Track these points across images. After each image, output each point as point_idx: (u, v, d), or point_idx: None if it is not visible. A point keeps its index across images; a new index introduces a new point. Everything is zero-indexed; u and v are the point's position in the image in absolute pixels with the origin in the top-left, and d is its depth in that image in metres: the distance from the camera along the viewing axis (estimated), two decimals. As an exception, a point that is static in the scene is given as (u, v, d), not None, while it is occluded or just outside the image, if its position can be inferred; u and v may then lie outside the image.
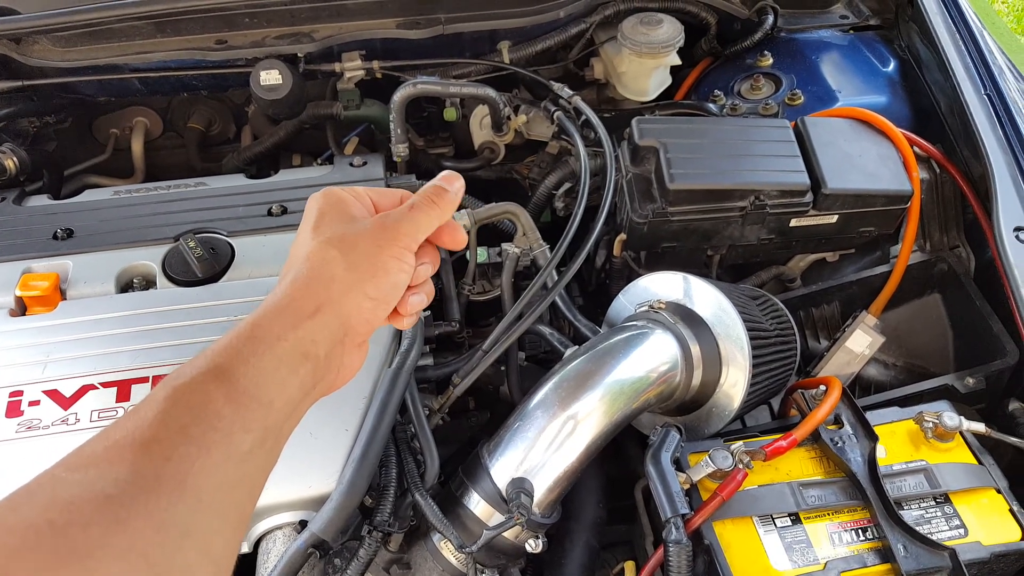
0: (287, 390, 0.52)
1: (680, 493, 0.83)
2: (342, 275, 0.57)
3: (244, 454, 0.48)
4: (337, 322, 0.56)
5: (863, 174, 1.10)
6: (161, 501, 0.43)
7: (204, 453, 0.46)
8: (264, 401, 0.50)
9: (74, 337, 0.92)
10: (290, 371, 0.53)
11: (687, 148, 1.08)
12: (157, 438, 0.45)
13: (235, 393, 0.49)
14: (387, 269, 0.59)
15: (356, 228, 0.60)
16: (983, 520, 0.85)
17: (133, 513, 0.41)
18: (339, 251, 0.57)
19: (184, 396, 0.47)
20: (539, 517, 0.86)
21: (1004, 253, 0.95)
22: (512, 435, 0.89)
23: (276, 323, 0.53)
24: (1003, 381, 1.03)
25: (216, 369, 0.49)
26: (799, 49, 1.35)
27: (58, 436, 0.84)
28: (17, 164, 1.14)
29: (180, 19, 1.16)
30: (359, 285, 0.58)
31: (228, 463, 0.47)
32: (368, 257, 0.58)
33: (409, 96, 1.16)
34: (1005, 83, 1.14)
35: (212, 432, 0.47)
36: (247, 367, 0.50)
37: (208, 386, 0.48)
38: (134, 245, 1.02)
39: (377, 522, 0.82)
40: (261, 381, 0.51)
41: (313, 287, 0.56)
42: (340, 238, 0.58)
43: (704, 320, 0.97)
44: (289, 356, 0.53)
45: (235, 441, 0.48)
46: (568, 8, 1.28)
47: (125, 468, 0.43)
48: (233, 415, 0.48)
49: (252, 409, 0.50)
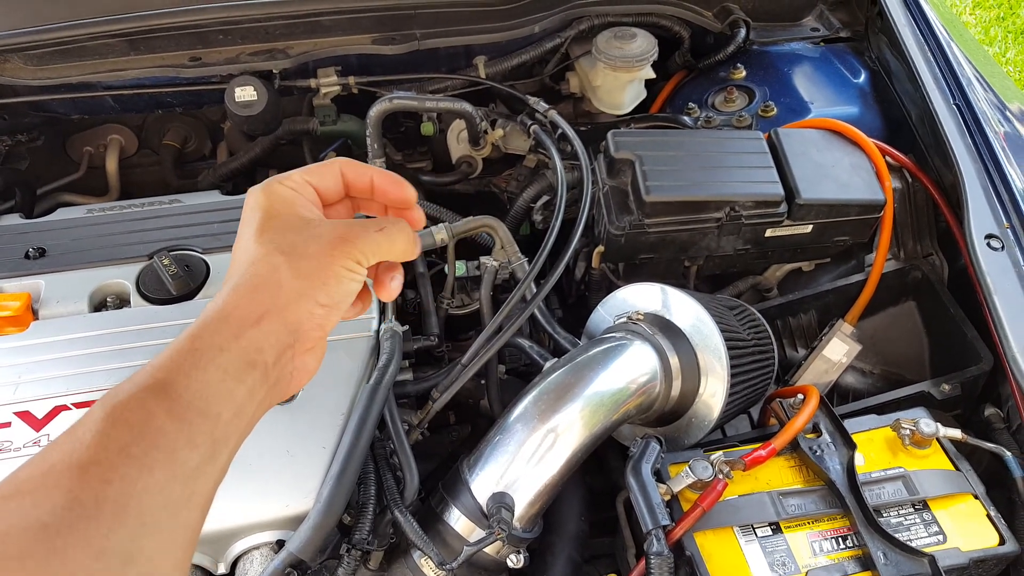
0: (234, 400, 0.51)
1: (661, 505, 0.83)
2: (290, 282, 0.54)
3: (191, 471, 0.47)
4: (284, 329, 0.54)
5: (836, 184, 1.11)
6: (101, 527, 0.41)
7: (147, 473, 0.44)
8: (211, 414, 0.49)
9: (46, 357, 0.91)
10: (236, 381, 0.51)
11: (662, 160, 1.09)
12: (96, 460, 0.43)
13: (178, 408, 0.47)
14: (339, 278, 0.57)
15: (307, 235, 0.57)
16: (961, 526, 0.85)
17: (71, 542, 0.39)
18: (287, 259, 0.55)
19: (123, 414, 0.45)
20: (520, 532, 0.85)
21: (976, 261, 0.96)
22: (492, 449, 0.88)
23: (217, 334, 0.51)
24: (978, 387, 1.04)
25: (156, 384, 0.47)
26: (771, 61, 1.37)
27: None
28: (-12, 183, 1.12)
29: (153, 36, 1.15)
30: (310, 292, 0.56)
31: (174, 482, 0.46)
32: (320, 266, 0.56)
33: (385, 111, 1.16)
34: (973, 93, 1.16)
35: (154, 451, 0.45)
36: (189, 380, 0.48)
37: (148, 403, 0.46)
38: (107, 264, 1.01)
39: (356, 540, 0.81)
40: (206, 394, 0.49)
41: (258, 295, 0.54)
42: (291, 246, 0.55)
43: (682, 331, 0.97)
44: (234, 366, 0.51)
45: (180, 458, 0.46)
46: (543, 23, 1.29)
47: (62, 494, 0.41)
48: (177, 431, 0.46)
49: (197, 424, 0.48)
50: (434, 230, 1.04)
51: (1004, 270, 0.95)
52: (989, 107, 1.16)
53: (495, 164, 1.38)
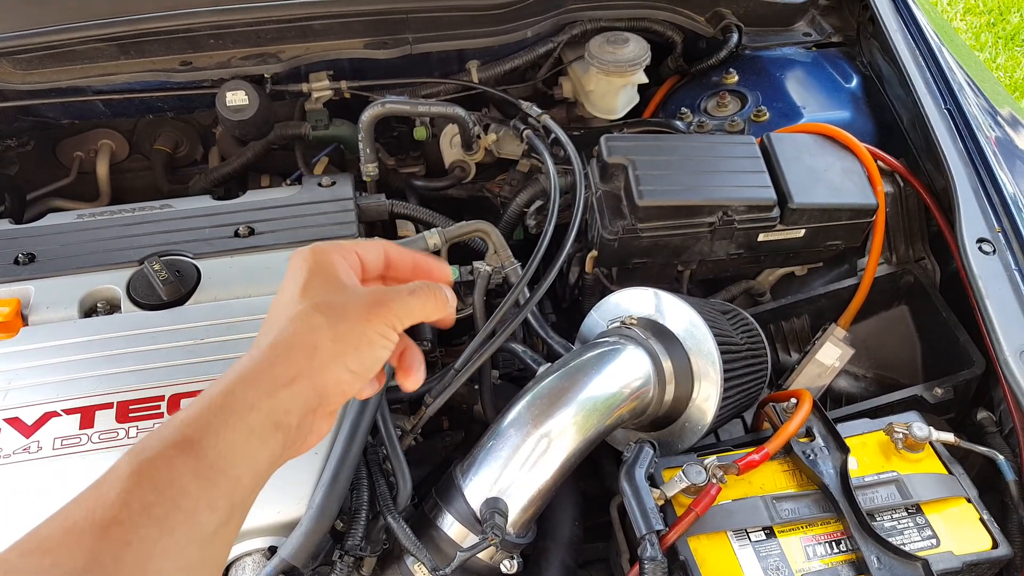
0: (256, 463, 0.51)
1: (655, 509, 0.82)
2: (327, 345, 0.55)
3: (208, 535, 0.47)
4: (313, 392, 0.55)
5: (829, 188, 1.11)
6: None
7: (167, 535, 0.44)
8: (232, 476, 0.49)
9: (36, 363, 0.90)
10: (261, 443, 0.51)
11: (655, 165, 1.09)
12: (118, 520, 0.43)
13: (203, 468, 0.48)
14: (372, 344, 0.58)
15: (346, 297, 0.58)
16: (954, 530, 0.85)
17: None
18: (327, 319, 0.56)
19: (149, 472, 0.46)
20: (514, 537, 0.85)
21: (968, 265, 0.97)
22: (486, 454, 0.88)
23: (251, 390, 0.52)
24: (971, 391, 1.04)
25: (184, 442, 0.48)
26: (764, 66, 1.37)
27: (19, 465, 0.82)
28: (-24, 188, 1.11)
29: (144, 41, 1.14)
30: (342, 357, 0.56)
31: (191, 545, 0.46)
32: (355, 329, 0.57)
33: (378, 116, 1.16)
34: (964, 98, 1.16)
35: (176, 512, 0.45)
36: (217, 439, 0.49)
37: (175, 461, 0.47)
38: (98, 269, 1.00)
39: (349, 546, 0.81)
40: (230, 455, 0.49)
41: (294, 355, 0.54)
42: (329, 305, 0.57)
43: (676, 335, 0.97)
44: (261, 427, 0.51)
45: (200, 521, 0.46)
46: (535, 28, 1.29)
47: (83, 555, 0.41)
48: (199, 493, 0.47)
49: (219, 485, 0.48)
50: (427, 235, 1.04)
51: (996, 274, 0.95)
52: (980, 112, 1.16)
53: (488, 169, 1.37)
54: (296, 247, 1.00)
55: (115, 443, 0.83)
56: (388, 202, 1.12)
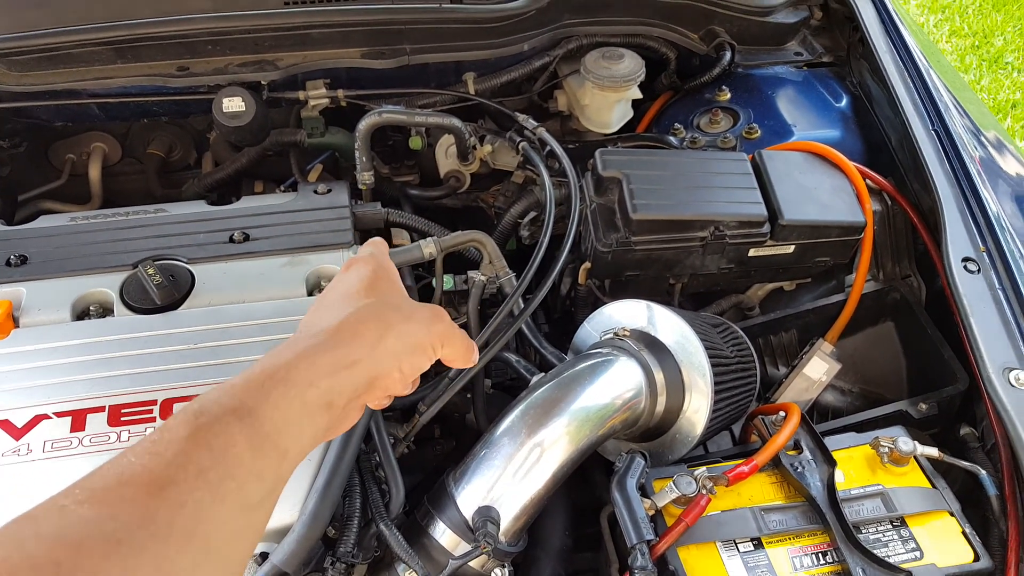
0: (303, 440, 0.52)
1: (645, 519, 0.83)
2: (390, 340, 0.58)
3: (254, 505, 0.48)
4: (365, 379, 0.57)
5: (818, 205, 1.13)
6: (169, 550, 0.41)
7: (219, 501, 0.45)
8: (281, 449, 0.50)
9: (27, 366, 0.89)
10: (311, 420, 0.52)
11: (649, 179, 1.11)
12: (174, 480, 0.43)
13: (257, 438, 0.48)
14: (424, 351, 0.61)
15: (411, 304, 0.63)
16: (937, 543, 0.87)
17: (142, 562, 0.40)
18: (394, 317, 0.59)
19: (206, 436, 0.46)
20: (505, 546, 0.85)
21: (953, 283, 0.98)
22: (478, 463, 0.88)
23: (312, 368, 0.53)
24: (955, 406, 1.06)
25: (243, 409, 0.48)
26: (756, 85, 1.39)
27: (8, 467, 0.81)
28: (-32, 189, 1.11)
29: (141, 45, 1.14)
30: (399, 355, 0.59)
31: (238, 513, 0.46)
32: (416, 334, 0.60)
33: (374, 125, 1.16)
34: (951, 119, 1.19)
35: (229, 480, 0.46)
36: (274, 411, 0.50)
37: (232, 428, 0.47)
38: (91, 272, 0.99)
39: (341, 553, 0.81)
40: (284, 428, 0.50)
41: (359, 341, 0.56)
42: (397, 307, 0.61)
43: (668, 347, 0.98)
44: (315, 404, 0.52)
45: (248, 491, 0.47)
46: (532, 41, 1.30)
47: (138, 511, 0.41)
48: (251, 462, 0.47)
49: (270, 457, 0.49)
50: (422, 243, 1.05)
51: (980, 293, 0.97)
52: (966, 133, 1.19)
53: (483, 179, 1.38)
54: (291, 254, 1.03)
55: (106, 447, 0.83)
56: (384, 211, 1.12)
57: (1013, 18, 4.08)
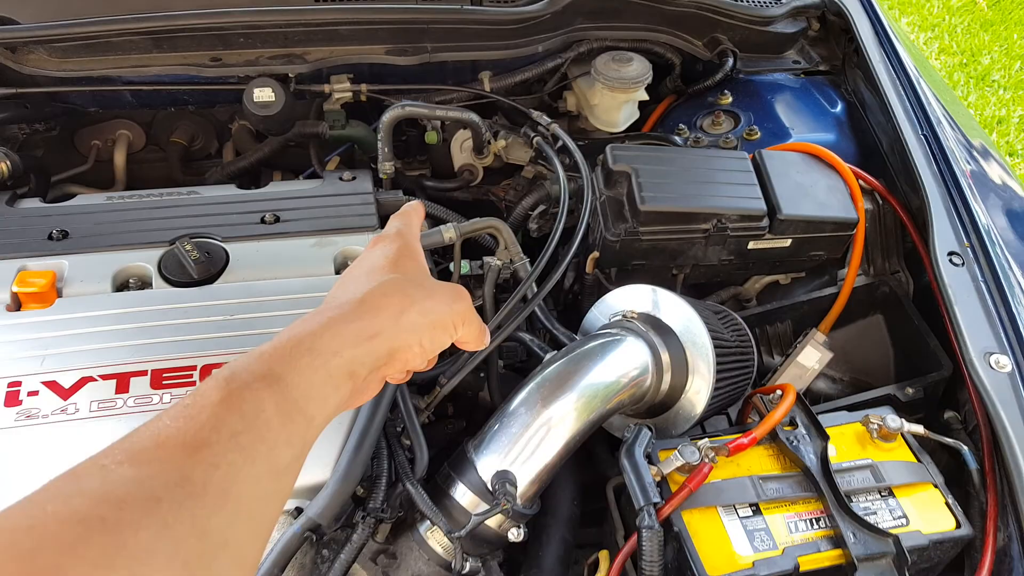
0: (327, 407, 0.53)
1: (652, 484, 0.89)
2: (412, 315, 0.60)
3: (283, 468, 0.49)
4: (387, 351, 0.58)
5: (814, 202, 1.20)
6: (205, 509, 0.42)
7: (250, 463, 0.46)
8: (307, 415, 0.51)
9: (72, 332, 0.94)
10: (334, 388, 0.54)
11: (656, 174, 1.17)
12: (208, 442, 0.45)
13: (286, 405, 0.50)
14: (445, 328, 0.64)
15: (433, 282, 0.65)
16: (922, 511, 0.93)
17: (179, 519, 0.41)
18: (417, 293, 0.62)
19: (237, 402, 0.47)
20: (521, 508, 0.91)
21: (940, 275, 1.05)
22: (497, 431, 0.94)
23: (337, 338, 0.55)
24: (939, 392, 1.13)
25: (271, 376, 0.50)
26: (756, 90, 1.46)
27: (57, 425, 0.86)
28: (9, 168, 1.16)
29: (177, 36, 1.20)
30: (420, 330, 0.61)
31: (269, 476, 0.47)
32: (438, 310, 0.62)
33: (397, 117, 1.23)
34: (939, 126, 1.26)
35: (260, 443, 0.47)
36: (300, 379, 0.51)
37: (262, 393, 0.49)
38: (129, 248, 1.05)
39: (370, 509, 0.86)
40: (310, 395, 0.51)
41: (382, 314, 0.58)
42: (420, 284, 0.63)
43: (672, 329, 1.04)
44: (338, 373, 0.54)
45: (277, 454, 0.48)
46: (546, 44, 1.37)
47: (175, 471, 0.42)
48: (280, 427, 0.49)
49: (297, 422, 0.50)
50: (443, 228, 1.11)
51: (964, 284, 1.04)
52: (953, 139, 1.26)
53: (494, 174, 1.45)
54: (319, 235, 1.09)
55: (149, 408, 0.88)
56: (405, 198, 1.18)
57: (999, 38, 4.20)
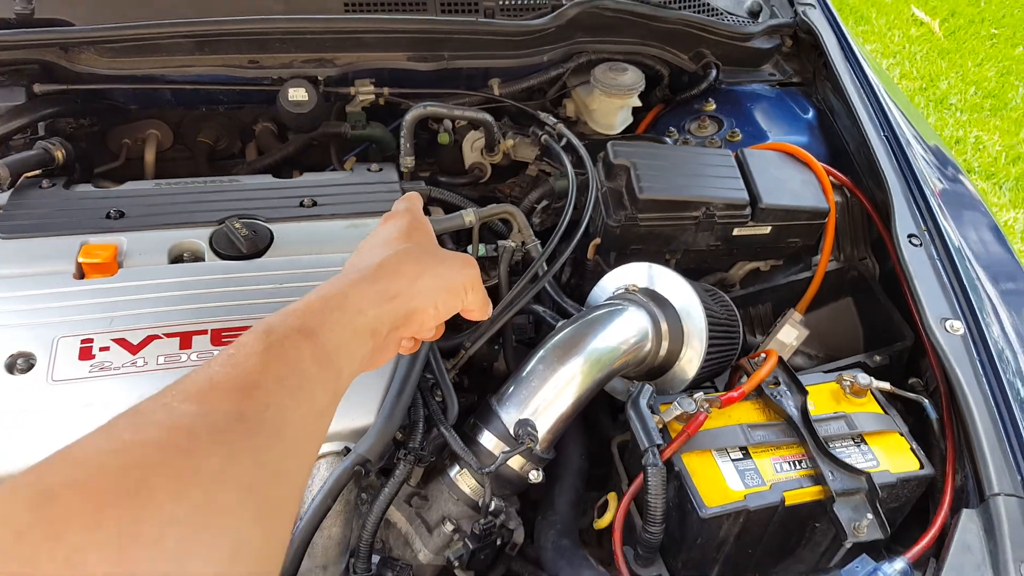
0: (352, 362, 0.57)
1: (655, 429, 1.02)
2: (427, 278, 0.65)
3: (321, 411, 0.53)
4: (404, 312, 0.63)
5: (790, 194, 1.35)
6: (262, 442, 0.45)
7: (295, 404, 0.49)
8: (337, 367, 0.54)
9: (135, 297, 1.03)
10: (359, 344, 0.58)
11: (652, 167, 1.31)
12: (259, 384, 0.47)
13: (320, 355, 0.53)
14: (457, 292, 0.68)
15: (444, 251, 0.70)
16: (890, 455, 1.06)
17: (241, 449, 0.43)
18: (431, 259, 0.67)
19: (279, 350, 0.51)
20: (540, 452, 1.03)
21: (901, 254, 1.20)
22: (517, 387, 1.06)
23: (362, 298, 0.59)
24: (903, 359, 1.27)
25: (306, 329, 0.54)
26: (737, 98, 1.62)
27: (128, 376, 0.95)
28: (64, 156, 1.26)
29: (219, 40, 1.32)
30: (435, 292, 0.65)
31: (310, 417, 0.51)
32: (450, 274, 0.68)
33: (419, 116, 1.36)
34: (899, 128, 1.42)
35: (302, 388, 0.50)
36: (331, 334, 0.55)
37: (300, 344, 0.52)
38: (182, 226, 1.15)
39: (409, 448, 0.98)
40: (340, 348, 0.55)
41: (400, 278, 0.63)
42: (432, 252, 0.68)
43: (670, 302, 1.18)
44: (363, 330, 0.58)
45: (317, 398, 0.52)
46: (550, 54, 1.51)
47: (233, 408, 0.45)
48: (317, 375, 0.52)
49: (329, 372, 0.53)
50: (463, 213, 1.23)
51: (922, 261, 1.19)
52: (911, 139, 1.42)
53: (500, 173, 1.58)
54: (354, 218, 1.21)
55: (212, 361, 0.99)
56: (427, 188, 1.31)
57: (955, 65, 4.46)
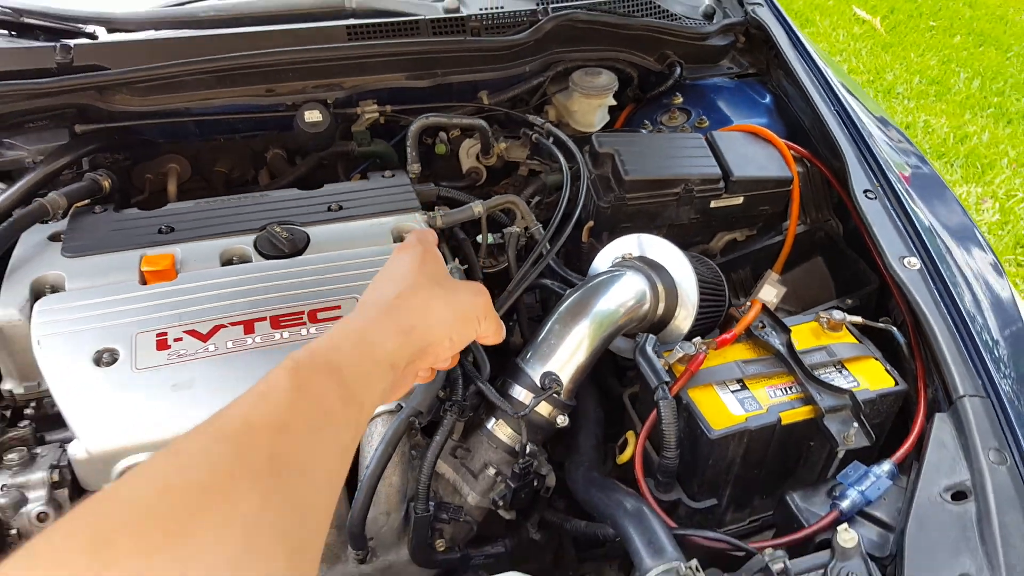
0: (374, 395, 0.58)
1: (663, 369, 1.17)
2: (440, 310, 0.66)
3: (344, 449, 0.53)
4: (420, 345, 0.63)
5: (757, 166, 1.52)
6: (293, 480, 0.47)
7: (321, 444, 0.51)
8: (358, 402, 0.55)
9: (196, 295, 1.16)
10: (379, 377, 0.59)
11: (634, 153, 1.48)
12: (288, 426, 0.49)
13: (345, 392, 0.54)
14: (469, 322, 0.70)
15: (455, 281, 0.71)
16: (868, 376, 1.21)
17: (274, 490, 0.45)
18: (443, 291, 0.68)
19: (307, 390, 0.52)
20: (564, 400, 1.18)
21: (859, 207, 1.37)
22: (538, 347, 1.21)
23: (379, 332, 0.61)
24: (872, 302, 1.44)
25: (331, 367, 0.55)
26: (701, 91, 1.80)
27: (204, 360, 1.07)
28: (110, 185, 1.40)
29: (238, 73, 1.47)
30: (448, 324, 0.66)
31: (335, 455, 0.52)
32: (463, 305, 0.69)
33: (423, 126, 1.51)
34: (848, 104, 1.61)
35: (328, 427, 0.52)
36: (354, 369, 0.56)
37: (326, 383, 0.53)
38: (227, 235, 1.29)
39: (454, 399, 1.12)
40: (362, 383, 0.56)
41: (415, 311, 0.64)
42: (443, 283, 0.69)
43: (663, 266, 1.34)
44: (382, 363, 0.59)
45: (341, 436, 0.53)
46: (531, 65, 1.68)
47: (266, 448, 0.47)
48: (341, 412, 0.53)
49: (352, 409, 0.55)
50: (472, 205, 1.39)
51: (877, 211, 1.36)
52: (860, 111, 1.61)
53: (495, 176, 1.74)
54: (379, 218, 1.35)
55: (274, 343, 1.11)
56: (436, 189, 1.47)
57: (899, 57, 4.75)
